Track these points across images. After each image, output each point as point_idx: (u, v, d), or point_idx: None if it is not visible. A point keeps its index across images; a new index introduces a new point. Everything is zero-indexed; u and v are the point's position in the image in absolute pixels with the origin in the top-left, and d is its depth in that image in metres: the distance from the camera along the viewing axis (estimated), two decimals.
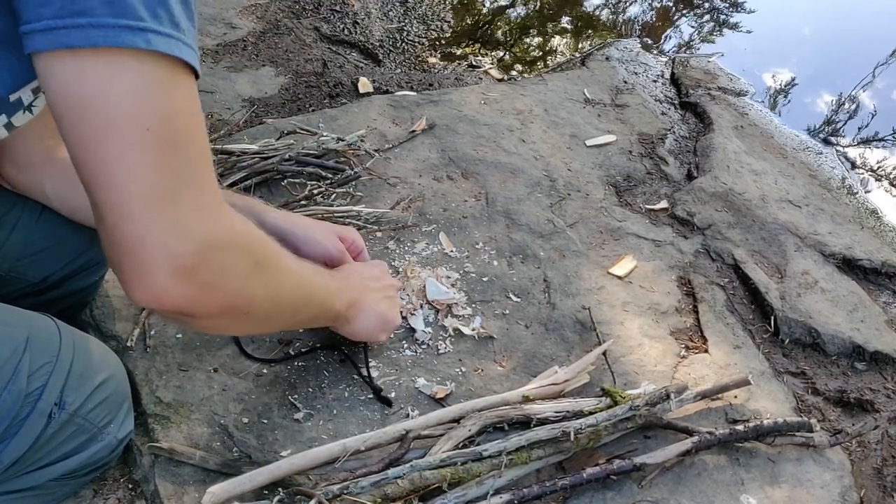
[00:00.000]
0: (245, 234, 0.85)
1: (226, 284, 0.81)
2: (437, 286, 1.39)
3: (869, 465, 1.29)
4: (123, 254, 0.74)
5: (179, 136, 0.73)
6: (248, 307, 0.87)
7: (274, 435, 1.15)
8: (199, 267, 0.76)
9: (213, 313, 0.82)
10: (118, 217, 0.72)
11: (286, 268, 0.95)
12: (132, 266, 0.74)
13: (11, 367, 0.88)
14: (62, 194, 1.11)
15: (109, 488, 1.11)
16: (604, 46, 2.44)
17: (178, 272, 0.74)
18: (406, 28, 2.44)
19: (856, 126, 2.33)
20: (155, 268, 0.73)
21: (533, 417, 1.16)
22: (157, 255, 0.73)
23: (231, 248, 0.81)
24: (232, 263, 0.81)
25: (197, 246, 0.75)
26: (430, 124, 1.86)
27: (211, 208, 0.78)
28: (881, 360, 1.45)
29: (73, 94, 0.69)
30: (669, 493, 1.16)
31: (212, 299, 0.80)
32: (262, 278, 0.87)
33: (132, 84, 0.69)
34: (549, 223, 1.63)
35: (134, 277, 0.75)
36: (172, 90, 0.72)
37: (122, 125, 0.69)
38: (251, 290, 0.86)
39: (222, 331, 1.03)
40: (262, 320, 0.94)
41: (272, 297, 0.91)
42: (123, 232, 0.73)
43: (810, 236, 1.71)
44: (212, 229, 0.77)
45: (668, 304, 1.49)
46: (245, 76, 2.05)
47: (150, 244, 0.73)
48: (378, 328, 1.22)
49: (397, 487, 1.03)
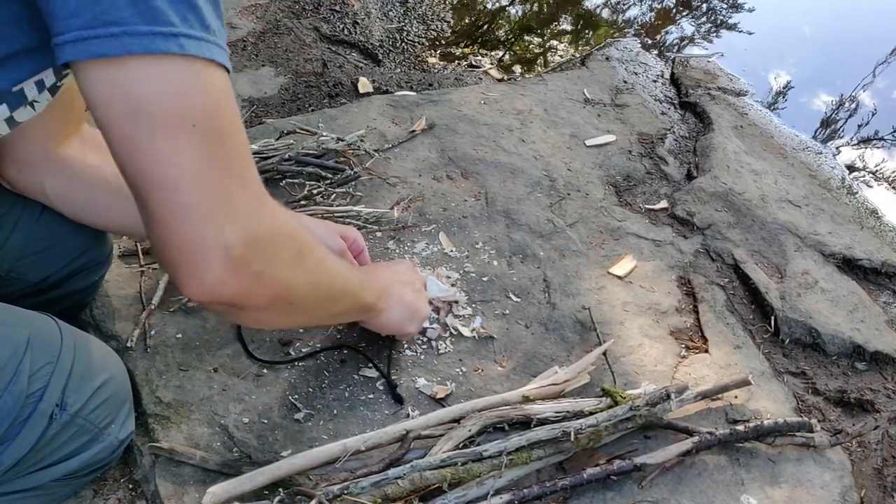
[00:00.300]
0: (287, 223, 0.87)
1: (274, 274, 0.83)
2: (438, 284, 1.39)
3: (869, 465, 1.29)
4: (177, 250, 0.76)
5: (222, 131, 0.75)
6: (293, 297, 0.89)
7: (274, 435, 1.15)
8: (250, 257, 0.78)
9: (263, 305, 0.85)
10: (171, 214, 0.74)
11: (324, 258, 0.98)
12: (187, 261, 0.76)
13: (12, 368, 0.88)
14: (63, 194, 1.11)
15: (110, 488, 1.11)
16: (604, 46, 2.44)
17: (232, 263, 0.77)
18: (406, 28, 2.44)
19: (856, 126, 2.33)
20: (209, 261, 0.76)
21: (533, 417, 1.16)
22: (209, 247, 0.75)
23: (277, 237, 0.83)
24: (278, 252, 0.83)
25: (248, 236, 0.77)
26: (430, 124, 1.86)
27: (257, 199, 0.80)
28: (881, 360, 1.46)
29: (115, 101, 0.71)
30: (670, 493, 1.16)
31: (262, 290, 0.82)
32: (304, 268, 0.90)
33: (171, 86, 0.71)
34: (549, 223, 1.63)
35: (189, 272, 0.77)
36: (209, 88, 0.74)
37: (168, 125, 0.72)
38: (296, 280, 0.88)
39: (268, 323, 1.06)
40: (304, 311, 0.97)
41: (313, 286, 0.94)
42: (177, 228, 0.75)
43: (810, 236, 1.71)
44: (260, 219, 0.80)
45: (668, 304, 1.49)
46: (245, 76, 2.05)
47: (203, 237, 0.75)
48: (407, 318, 1.23)
49: (398, 487, 1.03)
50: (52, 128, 1.07)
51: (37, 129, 1.05)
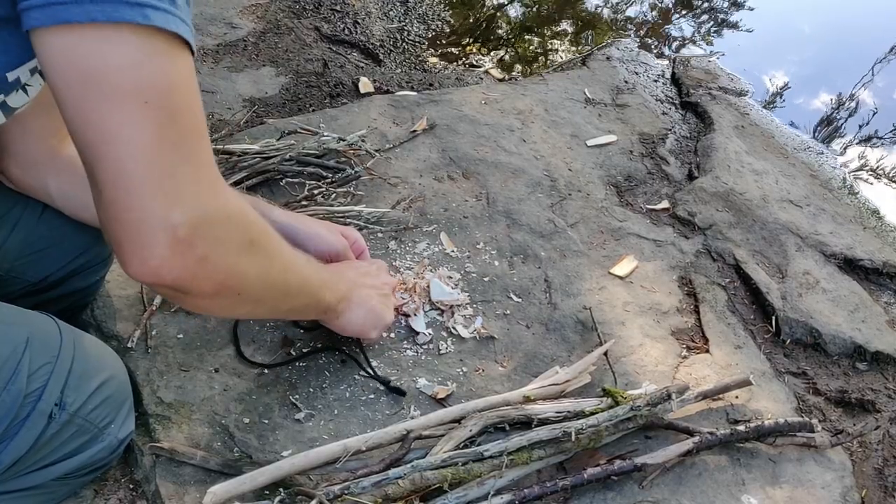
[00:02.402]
0: (240, 210, 0.85)
1: (220, 260, 0.81)
2: (442, 287, 1.39)
3: (870, 465, 1.29)
4: (122, 227, 0.75)
5: (177, 110, 0.74)
6: (240, 286, 0.87)
7: (275, 435, 1.15)
8: (196, 239, 0.77)
9: (208, 291, 0.83)
10: (117, 190, 0.73)
11: (278, 249, 0.96)
12: (130, 239, 0.75)
13: (11, 367, 0.88)
14: (66, 193, 1.11)
15: (110, 488, 1.11)
16: (604, 46, 2.44)
17: (176, 244, 0.75)
18: (406, 28, 2.44)
19: (857, 125, 2.32)
20: (153, 240, 0.74)
21: (534, 418, 1.16)
22: (154, 227, 0.74)
23: (226, 222, 0.81)
24: (227, 238, 0.82)
25: (194, 218, 0.76)
26: (431, 124, 1.86)
27: (208, 182, 0.79)
28: (882, 360, 1.45)
29: (71, 69, 0.70)
30: (670, 493, 1.16)
31: (207, 274, 0.81)
32: (254, 256, 0.88)
33: (130, 58, 0.70)
34: (550, 223, 1.62)
35: (132, 250, 0.75)
36: (170, 65, 0.73)
37: (121, 98, 0.70)
38: (244, 268, 0.86)
39: (216, 312, 1.03)
40: (254, 302, 0.94)
41: (263, 277, 0.91)
42: (122, 205, 0.73)
43: (811, 236, 1.71)
44: (208, 202, 0.78)
45: (669, 304, 1.49)
46: (245, 76, 2.05)
47: (148, 216, 0.74)
48: (369, 324, 1.21)
49: (398, 487, 1.03)
50: (53, 125, 1.07)
51: (40, 127, 1.05)
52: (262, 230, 0.90)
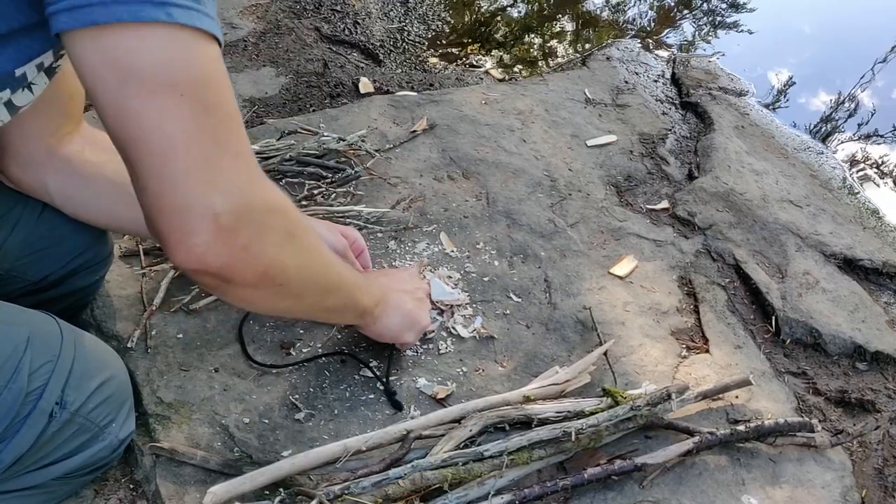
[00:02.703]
0: (280, 200, 0.86)
1: (262, 248, 0.82)
2: (442, 287, 1.39)
3: (870, 465, 1.29)
4: (166, 218, 0.76)
5: (212, 101, 0.76)
6: (282, 277, 0.88)
7: (275, 435, 1.15)
8: (238, 227, 0.78)
9: (250, 280, 0.84)
10: (161, 182, 0.75)
11: (317, 245, 0.97)
12: (176, 228, 0.76)
13: (12, 366, 0.88)
14: (64, 192, 1.11)
15: (111, 488, 1.11)
16: (604, 46, 2.44)
17: (219, 231, 0.76)
18: (407, 28, 2.44)
19: (857, 125, 2.32)
20: (197, 227, 0.76)
21: (534, 417, 1.16)
22: (198, 215, 0.75)
23: (267, 212, 0.82)
24: (268, 227, 0.83)
25: (236, 205, 0.77)
26: (431, 124, 1.86)
27: (248, 171, 0.80)
28: (882, 360, 1.45)
29: (104, 69, 0.72)
30: (671, 493, 1.16)
31: (250, 264, 0.82)
32: (294, 249, 0.89)
33: (160, 54, 0.72)
34: (550, 223, 1.62)
35: (178, 239, 0.77)
36: (198, 58, 0.75)
37: (157, 93, 0.72)
38: (285, 259, 0.87)
39: (258, 304, 1.00)
40: (295, 296, 0.95)
41: (304, 270, 0.92)
42: (166, 196, 0.75)
43: (811, 236, 1.71)
44: (250, 190, 0.80)
45: (669, 304, 1.49)
46: (246, 76, 2.05)
47: (192, 205, 0.75)
48: (404, 327, 1.21)
49: (398, 488, 1.03)
50: (53, 124, 1.07)
51: (38, 126, 1.06)
52: (300, 224, 0.91)
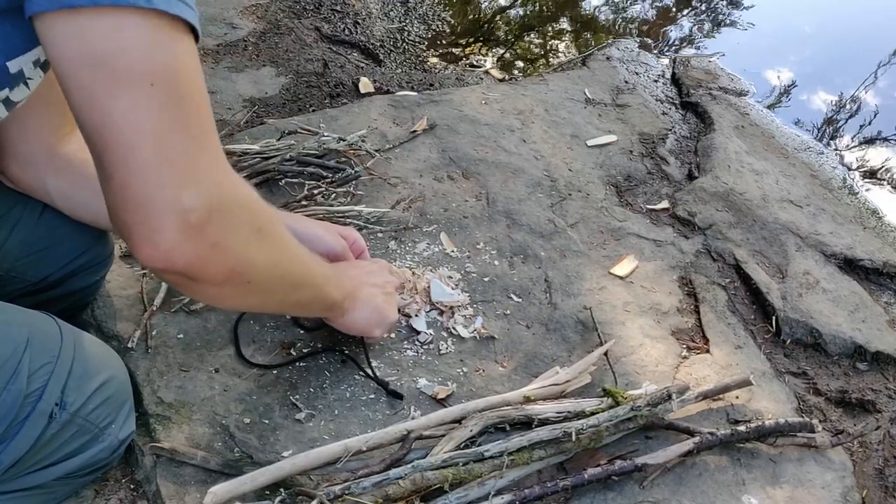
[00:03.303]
0: (249, 196, 0.85)
1: (230, 246, 0.81)
2: (442, 287, 1.39)
3: (871, 465, 1.29)
4: (132, 212, 0.74)
5: (184, 92, 0.74)
6: (250, 274, 0.86)
7: (275, 435, 1.15)
8: (207, 223, 0.76)
9: (218, 278, 0.82)
10: (127, 173, 0.72)
11: (286, 239, 0.95)
12: (141, 222, 0.74)
13: (12, 367, 0.88)
14: (64, 192, 1.11)
15: (111, 489, 1.11)
16: (604, 46, 2.44)
17: (187, 228, 0.74)
18: (407, 28, 2.44)
19: (857, 126, 2.32)
20: (164, 223, 0.73)
21: (534, 418, 1.16)
22: (166, 209, 0.73)
23: (236, 207, 0.81)
24: (237, 224, 0.81)
25: (205, 202, 0.75)
26: (431, 124, 1.86)
27: (218, 166, 0.78)
28: (883, 360, 1.45)
29: (76, 54, 0.70)
30: (671, 493, 1.16)
31: (217, 260, 0.80)
32: (263, 244, 0.87)
33: (135, 41, 0.70)
34: (550, 223, 1.62)
35: (143, 235, 0.74)
36: (174, 47, 0.73)
37: (128, 81, 0.70)
38: (254, 255, 0.85)
39: (225, 301, 1.00)
40: (262, 293, 0.93)
41: (272, 266, 0.91)
42: (132, 188, 0.73)
43: (811, 236, 1.71)
44: (219, 187, 0.78)
45: (669, 304, 1.49)
46: (246, 76, 2.05)
47: (159, 199, 0.73)
48: (373, 322, 1.21)
49: (399, 488, 1.03)
50: (52, 124, 1.07)
51: (38, 126, 1.05)
52: (269, 219, 0.90)
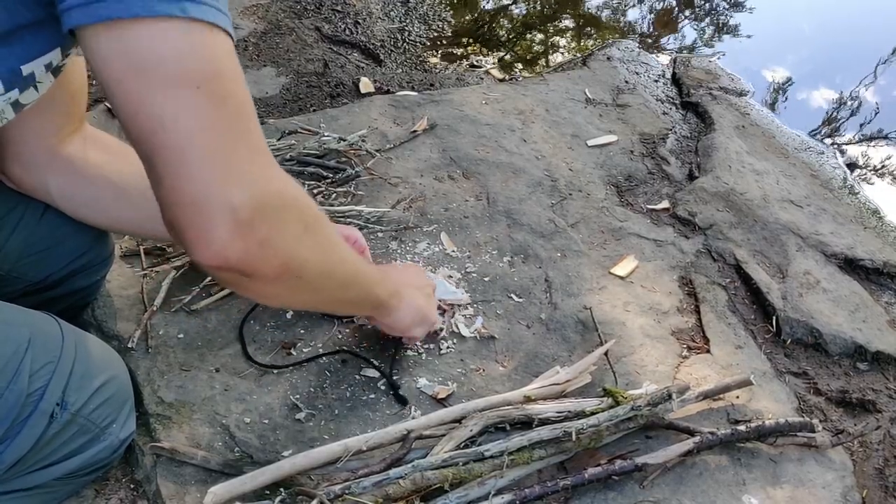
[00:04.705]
0: (297, 193, 0.86)
1: (281, 243, 0.82)
2: (446, 286, 1.39)
3: (871, 465, 1.29)
4: (184, 213, 0.75)
5: (227, 93, 0.75)
6: (301, 271, 0.87)
7: (275, 435, 1.16)
8: (256, 220, 0.77)
9: (271, 274, 0.82)
10: (177, 176, 0.74)
11: (334, 237, 0.96)
12: (194, 223, 0.75)
13: (13, 367, 0.88)
14: (66, 192, 1.11)
15: (111, 488, 1.11)
16: (605, 46, 2.44)
17: (237, 226, 0.76)
18: (407, 28, 2.44)
19: (857, 125, 2.32)
20: (216, 222, 0.75)
21: (534, 417, 1.16)
22: (217, 208, 0.75)
23: (284, 204, 0.82)
24: (286, 220, 0.82)
25: (253, 199, 0.76)
26: (432, 124, 1.86)
27: (265, 164, 0.80)
28: (883, 360, 1.45)
29: (119, 63, 0.72)
30: (671, 493, 1.16)
31: (268, 257, 0.81)
32: (312, 241, 0.88)
33: (175, 48, 0.72)
34: (551, 223, 1.62)
35: (196, 235, 0.76)
36: (213, 51, 0.75)
37: (173, 86, 0.72)
38: (303, 252, 0.86)
39: (278, 299, 1.00)
40: (313, 290, 0.94)
41: (322, 263, 0.92)
42: (184, 190, 0.74)
43: (812, 236, 1.71)
44: (267, 184, 0.79)
45: (669, 304, 1.49)
46: (246, 76, 2.03)
47: (210, 199, 0.74)
48: (416, 321, 1.21)
49: (399, 487, 1.03)
50: (55, 124, 1.07)
51: (40, 126, 1.06)
52: (317, 216, 0.90)
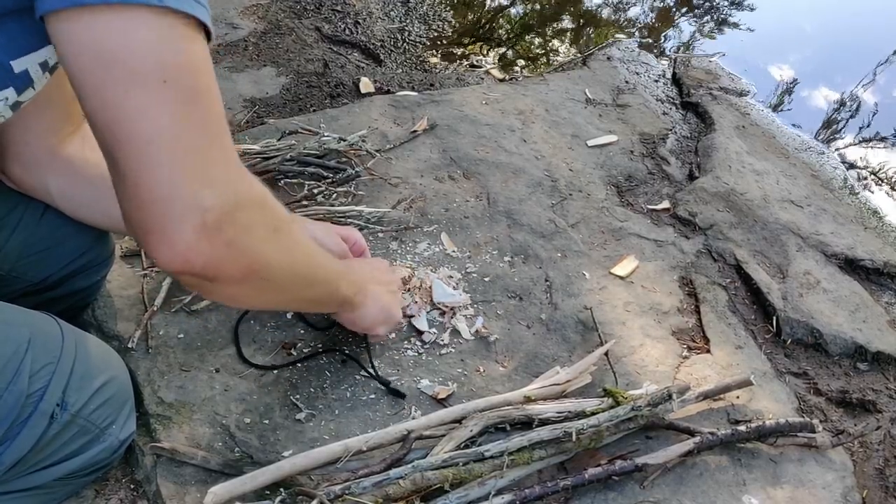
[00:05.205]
0: (263, 195, 0.84)
1: (247, 244, 0.80)
2: (444, 288, 1.39)
3: (871, 465, 1.29)
4: (148, 213, 0.73)
5: (197, 90, 0.73)
6: (267, 272, 0.86)
7: (276, 435, 1.15)
8: (224, 223, 0.75)
9: (236, 277, 0.81)
10: (140, 172, 0.71)
11: (300, 237, 0.95)
12: (158, 222, 0.73)
13: (13, 368, 0.88)
14: (65, 192, 1.11)
15: (111, 489, 1.11)
16: (605, 46, 2.44)
17: (204, 227, 0.73)
18: (407, 28, 2.44)
19: (858, 126, 2.32)
20: (181, 223, 0.72)
21: (535, 418, 1.16)
22: (183, 208, 0.72)
23: (252, 206, 0.80)
24: (253, 222, 0.80)
25: (223, 202, 0.74)
26: (432, 124, 1.86)
27: (233, 164, 0.78)
28: (883, 360, 1.45)
29: (87, 51, 0.70)
30: (671, 493, 1.16)
31: (235, 259, 0.79)
32: (279, 242, 0.87)
33: (147, 38, 0.70)
34: (551, 223, 1.62)
35: (160, 235, 0.73)
36: (186, 45, 0.73)
37: (141, 78, 0.70)
38: (270, 254, 0.85)
39: (243, 300, 0.98)
40: (279, 290, 0.93)
41: (288, 264, 0.91)
42: (146, 187, 0.72)
43: (812, 236, 1.71)
44: (234, 185, 0.77)
45: (669, 304, 1.49)
46: (246, 76, 2.05)
47: (174, 199, 0.72)
48: (379, 320, 1.21)
49: (399, 488, 1.03)
50: (54, 124, 1.07)
51: (40, 127, 1.05)
52: (284, 217, 0.90)
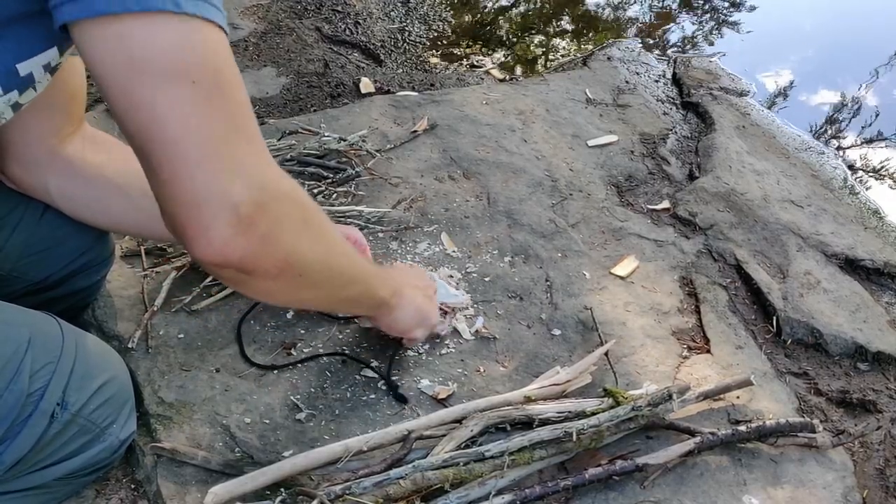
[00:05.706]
0: (294, 188, 0.85)
1: (281, 237, 0.81)
2: (447, 289, 1.39)
3: (872, 465, 1.29)
4: (184, 209, 0.74)
5: (224, 88, 0.75)
6: (301, 267, 0.86)
7: (276, 435, 1.15)
8: (258, 216, 0.76)
9: (271, 271, 0.82)
10: (173, 170, 0.73)
11: (333, 233, 0.95)
12: (194, 218, 0.75)
13: (14, 367, 0.88)
14: (65, 192, 1.11)
15: (112, 488, 1.11)
16: (605, 46, 2.44)
17: (239, 222, 0.75)
18: (407, 28, 2.44)
19: (858, 126, 2.32)
20: (217, 218, 0.74)
21: (535, 418, 1.16)
22: (217, 204, 0.74)
23: (283, 199, 0.81)
24: (285, 216, 0.81)
25: (254, 194, 0.76)
26: (432, 124, 1.86)
27: (263, 158, 0.79)
28: (884, 360, 1.45)
29: (113, 58, 0.71)
30: (672, 493, 1.16)
31: (269, 253, 0.80)
32: (312, 237, 0.87)
33: (170, 42, 0.72)
34: (551, 223, 1.62)
35: (197, 231, 0.75)
36: (208, 46, 0.74)
37: (169, 80, 0.71)
38: (304, 248, 0.86)
39: (279, 296, 0.97)
40: (315, 287, 0.93)
41: (323, 259, 0.91)
42: (180, 184, 0.74)
43: (812, 236, 1.71)
44: (266, 178, 0.78)
45: (670, 304, 1.49)
46: (246, 76, 2.05)
47: (211, 194, 0.74)
48: (416, 322, 1.21)
49: (399, 488, 1.03)
50: (54, 125, 1.07)
51: (40, 127, 1.06)
52: (315, 211, 0.90)
